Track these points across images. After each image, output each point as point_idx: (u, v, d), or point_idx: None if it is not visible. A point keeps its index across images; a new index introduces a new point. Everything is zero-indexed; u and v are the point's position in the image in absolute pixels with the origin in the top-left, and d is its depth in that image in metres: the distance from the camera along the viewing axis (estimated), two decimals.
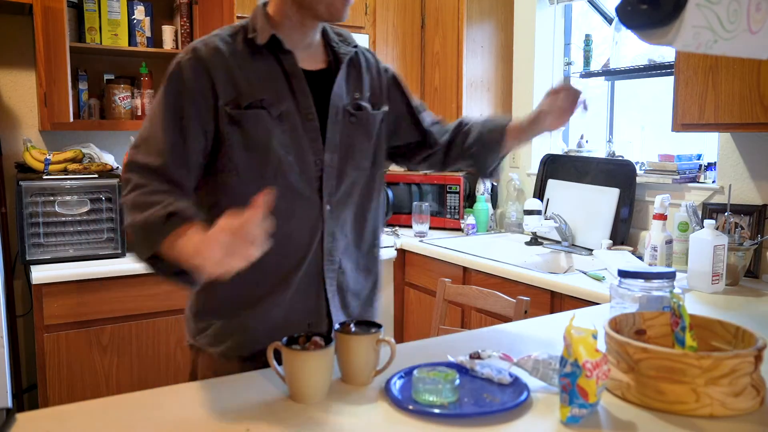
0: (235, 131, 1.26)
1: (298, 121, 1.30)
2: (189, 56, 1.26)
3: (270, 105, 1.28)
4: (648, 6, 1.15)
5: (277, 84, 1.29)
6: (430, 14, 3.31)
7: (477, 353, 1.24)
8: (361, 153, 1.40)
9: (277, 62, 1.30)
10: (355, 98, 1.39)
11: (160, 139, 1.23)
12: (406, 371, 1.20)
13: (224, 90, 1.25)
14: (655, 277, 1.41)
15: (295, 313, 1.34)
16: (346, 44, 1.40)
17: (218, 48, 1.27)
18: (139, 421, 1.04)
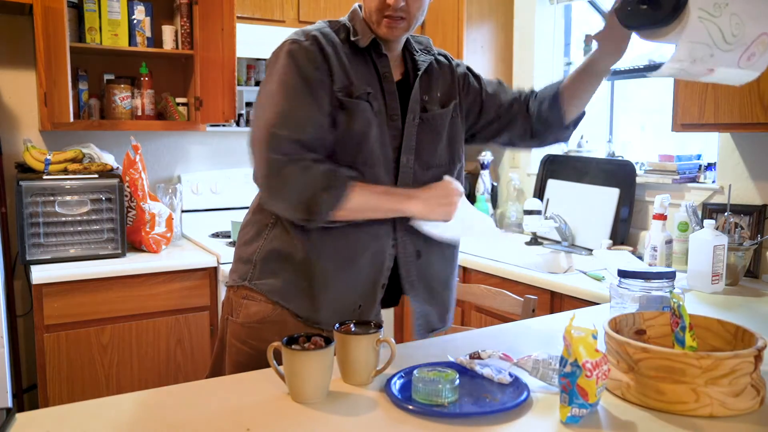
0: (342, 117, 1.34)
1: (385, 120, 1.40)
2: (308, 40, 1.34)
3: (374, 99, 1.38)
4: (648, 6, 1.16)
5: (374, 83, 1.39)
6: (430, 14, 3.30)
7: (477, 353, 1.24)
8: (430, 153, 1.47)
9: (372, 63, 1.40)
10: (423, 100, 1.46)
11: (297, 113, 1.30)
12: (406, 371, 1.20)
13: (339, 77, 1.34)
14: (654, 277, 1.41)
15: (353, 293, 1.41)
16: (426, 52, 1.50)
17: (332, 39, 1.37)
18: (139, 421, 1.05)
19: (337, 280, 1.39)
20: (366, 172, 1.36)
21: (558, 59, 3.25)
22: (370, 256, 1.41)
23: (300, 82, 1.31)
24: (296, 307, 1.40)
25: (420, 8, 1.37)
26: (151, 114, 2.89)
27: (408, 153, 1.43)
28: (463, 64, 1.60)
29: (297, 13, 2.98)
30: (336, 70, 1.34)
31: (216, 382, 1.22)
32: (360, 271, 1.41)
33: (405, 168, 1.43)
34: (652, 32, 1.20)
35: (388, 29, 1.36)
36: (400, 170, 1.42)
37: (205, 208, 3.11)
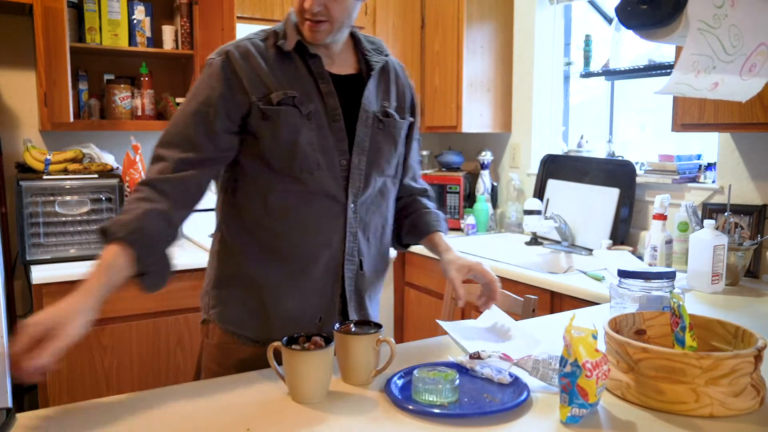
0: (267, 126, 1.31)
1: (325, 121, 1.35)
2: (221, 57, 1.32)
3: (300, 103, 1.33)
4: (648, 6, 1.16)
5: (306, 85, 1.35)
6: (430, 14, 3.31)
7: (477, 353, 1.24)
8: (387, 160, 1.44)
9: (305, 65, 1.36)
10: (383, 106, 1.44)
11: (190, 134, 1.29)
12: (406, 371, 1.20)
13: (254, 88, 1.31)
14: (654, 277, 1.41)
15: (310, 306, 1.38)
16: (378, 53, 1.45)
17: (249, 50, 1.33)
18: (139, 421, 1.05)
19: (290, 297, 1.36)
20: (307, 179, 1.33)
21: (558, 59, 3.25)
22: (323, 267, 1.37)
23: (201, 105, 1.30)
24: (251, 333, 1.38)
25: (344, 11, 1.31)
26: (151, 114, 2.89)
27: (359, 154, 1.38)
28: (413, 87, 1.56)
29: None
30: (251, 82, 1.30)
31: (216, 382, 1.22)
32: (315, 283, 1.37)
33: (356, 170, 1.38)
34: (652, 32, 1.20)
35: (310, 32, 1.32)
36: (351, 172, 1.37)
37: (205, 208, 3.09)
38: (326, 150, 1.35)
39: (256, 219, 1.36)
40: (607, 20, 3.09)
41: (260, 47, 1.34)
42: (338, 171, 1.36)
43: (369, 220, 1.43)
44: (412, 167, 1.58)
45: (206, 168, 1.30)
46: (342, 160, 1.36)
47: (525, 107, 3.26)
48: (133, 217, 1.19)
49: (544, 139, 3.26)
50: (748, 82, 1.23)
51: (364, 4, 3.15)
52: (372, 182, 1.41)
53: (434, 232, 1.52)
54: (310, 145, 1.33)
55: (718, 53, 1.14)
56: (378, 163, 1.42)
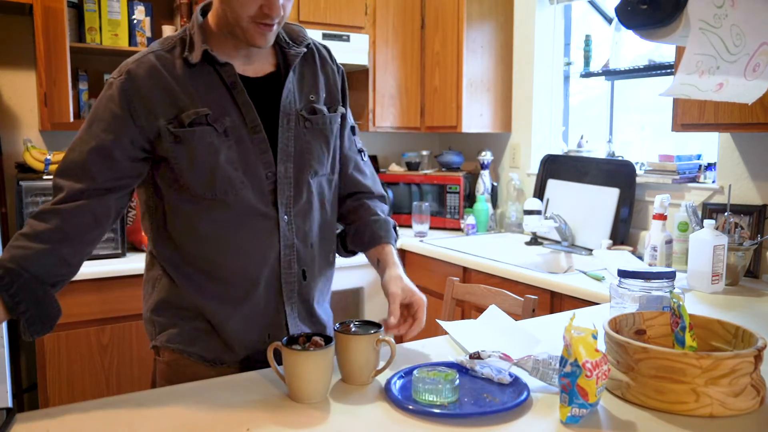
0: (181, 149, 1.21)
1: (246, 134, 1.25)
2: (122, 78, 1.20)
3: (215, 120, 1.22)
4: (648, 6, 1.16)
5: (220, 98, 1.24)
6: (430, 14, 3.31)
7: (477, 353, 1.24)
8: (318, 160, 1.34)
9: (217, 74, 1.24)
10: (310, 101, 1.34)
11: (85, 162, 1.19)
12: (406, 371, 1.20)
13: (164, 109, 1.20)
14: (654, 277, 1.41)
15: (254, 326, 1.31)
16: (297, 44, 1.33)
17: (153, 65, 1.21)
18: (139, 421, 1.04)
19: (235, 320, 1.29)
20: (232, 201, 1.24)
21: (558, 59, 3.25)
22: (264, 286, 1.30)
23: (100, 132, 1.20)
24: (201, 350, 1.31)
25: (290, 7, 1.24)
26: None
27: (285, 161, 1.28)
28: (342, 69, 1.45)
29: (297, 13, 2.98)
30: (158, 103, 1.20)
31: (216, 382, 1.22)
32: (257, 302, 1.30)
33: (283, 179, 1.28)
34: (652, 32, 1.20)
35: (262, 36, 1.21)
36: (279, 182, 1.27)
37: None
38: (249, 165, 1.25)
39: (188, 247, 1.27)
40: (607, 20, 3.09)
41: (166, 60, 1.22)
42: (265, 185, 1.27)
43: (308, 228, 1.34)
44: (350, 158, 1.45)
45: (104, 198, 1.20)
46: (268, 173, 1.27)
47: (525, 107, 3.26)
48: (8, 257, 1.12)
49: (544, 139, 3.26)
50: (753, 82, 1.23)
51: (365, 4, 3.15)
52: (304, 188, 1.32)
53: (381, 245, 1.41)
54: (231, 163, 1.23)
55: (721, 53, 1.14)
56: (308, 165, 1.32)
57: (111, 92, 1.21)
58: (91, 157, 1.19)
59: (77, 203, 1.17)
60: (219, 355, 1.31)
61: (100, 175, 1.19)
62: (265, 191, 1.27)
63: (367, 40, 3.16)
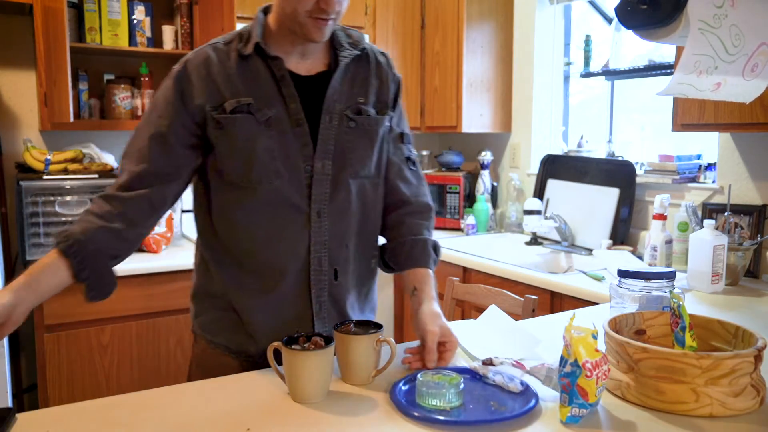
0: (222, 136, 1.27)
1: (288, 126, 1.29)
2: (180, 67, 1.30)
3: (257, 110, 1.27)
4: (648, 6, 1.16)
5: (267, 89, 1.28)
6: (430, 14, 3.31)
7: (490, 359, 1.22)
8: (360, 160, 1.35)
9: (267, 68, 1.29)
10: (358, 102, 1.35)
11: (144, 146, 1.27)
12: (412, 375, 1.16)
13: (210, 96, 1.27)
14: (654, 277, 1.41)
15: (280, 319, 1.32)
16: (353, 47, 1.37)
17: (208, 56, 1.29)
18: (139, 421, 1.05)
19: (262, 311, 1.32)
20: (266, 190, 1.27)
21: (558, 59, 3.25)
22: (292, 279, 1.31)
23: (156, 119, 1.28)
24: (226, 340, 1.35)
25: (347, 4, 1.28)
26: None
27: (323, 158, 1.30)
28: (400, 79, 1.46)
29: None
30: (206, 90, 1.26)
31: (216, 382, 1.22)
32: (285, 296, 1.32)
33: (320, 176, 1.30)
34: (652, 32, 1.20)
35: (318, 31, 1.25)
36: (314, 178, 1.30)
37: None
38: (289, 157, 1.28)
39: (224, 235, 1.32)
40: (607, 20, 3.09)
41: (221, 52, 1.30)
42: (302, 178, 1.29)
43: (344, 228, 1.34)
44: (394, 163, 1.44)
45: (161, 185, 1.27)
46: (306, 166, 1.29)
47: (525, 107, 3.26)
48: (79, 230, 1.22)
49: (544, 139, 3.26)
50: (751, 82, 1.23)
51: (365, 4, 3.15)
52: (342, 187, 1.32)
53: (417, 268, 1.38)
54: (269, 152, 1.27)
55: (720, 53, 1.14)
56: (349, 165, 1.33)
57: (168, 81, 1.29)
58: (150, 143, 1.27)
59: (137, 192, 1.25)
60: (243, 346, 1.34)
61: (157, 161, 1.27)
62: (301, 185, 1.30)
63: (367, 40, 3.16)
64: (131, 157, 1.28)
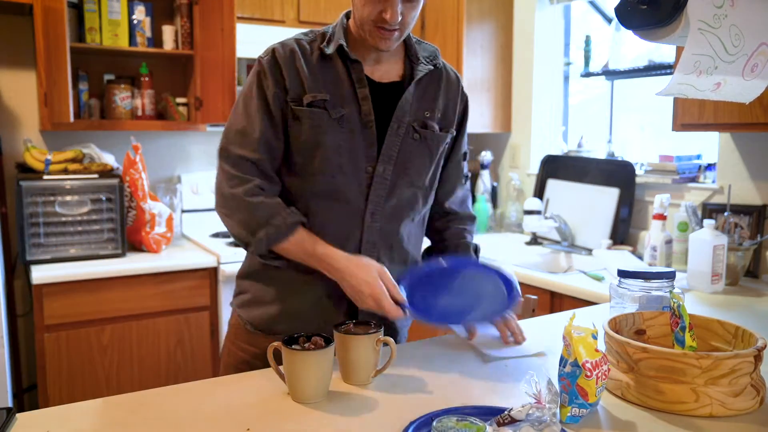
0: (296, 125, 1.35)
1: (358, 126, 1.36)
2: (268, 56, 1.36)
3: (332, 107, 1.34)
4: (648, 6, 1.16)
5: (343, 89, 1.36)
6: (430, 14, 3.31)
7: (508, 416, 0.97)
8: (418, 172, 1.42)
9: (345, 69, 1.37)
10: (425, 116, 1.42)
11: (252, 132, 1.33)
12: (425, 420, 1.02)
13: (292, 87, 1.34)
14: (654, 277, 1.41)
15: (326, 310, 1.39)
16: (428, 61, 1.43)
17: (294, 50, 1.36)
18: (139, 421, 1.05)
19: (301, 294, 1.39)
20: (327, 182, 1.35)
21: (558, 59, 3.25)
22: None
23: (257, 101, 1.35)
24: (254, 318, 1.43)
25: (414, 18, 1.34)
26: (151, 114, 2.89)
27: (386, 163, 1.38)
28: (467, 99, 1.53)
29: (297, 13, 2.98)
30: (290, 81, 1.34)
31: (216, 382, 1.22)
32: (326, 285, 1.36)
33: (380, 179, 1.37)
34: (651, 32, 1.20)
35: (382, 40, 1.32)
36: (374, 180, 1.37)
37: (205, 208, 3.11)
38: (353, 155, 1.36)
39: None
40: (607, 20, 3.09)
41: (305, 49, 1.37)
42: (362, 178, 1.37)
43: (392, 230, 1.42)
44: (448, 182, 1.53)
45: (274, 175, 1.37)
46: (368, 167, 1.37)
47: (525, 107, 3.26)
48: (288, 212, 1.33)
49: (544, 139, 3.26)
50: (751, 82, 1.23)
51: None
52: (398, 192, 1.40)
53: None
54: (336, 148, 1.34)
55: (720, 53, 1.14)
56: (407, 173, 1.41)
57: (261, 67, 1.36)
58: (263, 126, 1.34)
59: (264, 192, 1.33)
60: (269, 324, 1.41)
61: (274, 140, 1.35)
62: (361, 184, 1.37)
63: None
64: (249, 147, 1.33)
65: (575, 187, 2.89)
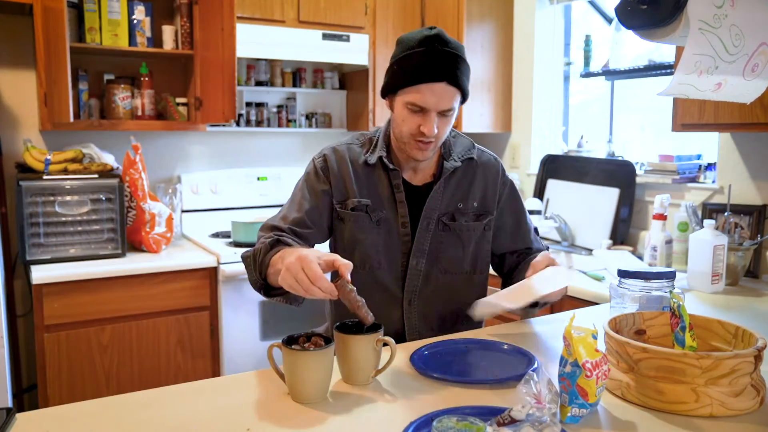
0: (340, 226, 1.53)
1: (395, 226, 1.53)
2: (321, 158, 1.55)
3: (373, 210, 1.51)
4: (648, 6, 1.16)
5: (383, 194, 1.53)
6: (430, 14, 3.31)
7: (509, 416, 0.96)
8: (451, 260, 1.55)
9: (386, 176, 1.53)
10: (457, 208, 1.55)
11: (290, 214, 1.50)
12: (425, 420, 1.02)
13: (338, 192, 1.52)
14: (654, 277, 1.41)
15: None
16: (460, 156, 1.56)
17: (344, 156, 1.54)
18: (139, 421, 1.05)
19: None
20: (368, 273, 1.51)
21: (558, 59, 3.25)
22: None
23: (302, 192, 1.53)
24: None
25: (448, 129, 1.47)
26: (151, 114, 2.89)
27: (418, 257, 1.53)
28: (509, 181, 1.64)
29: (297, 13, 2.98)
30: (337, 185, 1.52)
31: (216, 382, 1.22)
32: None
33: (413, 271, 1.53)
34: (652, 32, 1.20)
35: (420, 151, 1.45)
36: (408, 273, 1.52)
37: (205, 208, 3.11)
38: (390, 252, 1.52)
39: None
40: (607, 20, 3.09)
41: (355, 153, 1.55)
42: (399, 271, 1.53)
43: (432, 311, 1.56)
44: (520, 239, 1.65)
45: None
46: (404, 262, 1.53)
47: (525, 107, 3.26)
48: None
49: (544, 139, 3.26)
50: (752, 82, 1.23)
51: (365, 4, 3.15)
52: (432, 280, 1.54)
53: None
54: (374, 247, 1.51)
55: (720, 53, 1.14)
56: (440, 263, 1.54)
57: (312, 168, 1.55)
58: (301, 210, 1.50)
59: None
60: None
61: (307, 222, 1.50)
62: (397, 276, 1.54)
63: (367, 40, 3.16)
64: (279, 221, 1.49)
65: (575, 187, 2.89)
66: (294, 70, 3.31)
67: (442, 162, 1.55)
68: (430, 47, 1.38)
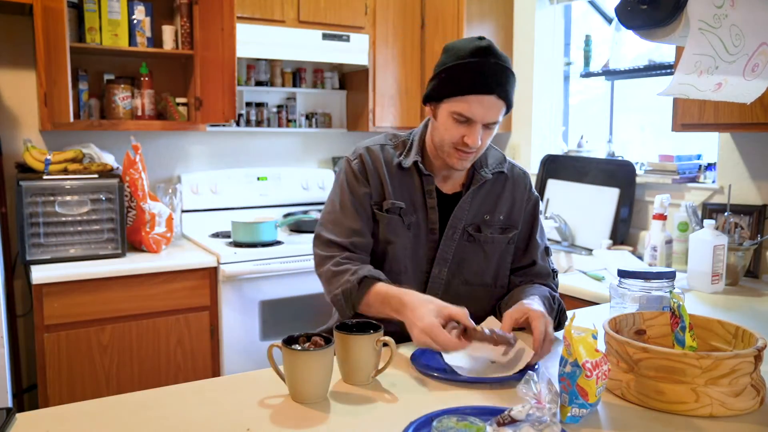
0: (375, 227, 1.52)
1: (424, 232, 1.52)
2: (357, 159, 1.54)
3: (405, 214, 1.51)
4: (648, 6, 1.16)
5: (415, 198, 1.52)
6: (430, 14, 3.31)
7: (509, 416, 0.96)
8: (473, 271, 1.54)
9: (420, 181, 1.52)
10: (484, 219, 1.54)
11: (343, 222, 1.50)
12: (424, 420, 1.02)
13: (375, 192, 1.52)
14: (654, 277, 1.41)
15: None
16: (492, 168, 1.55)
17: (378, 157, 1.53)
18: (139, 421, 1.05)
19: None
20: (394, 279, 1.47)
21: (558, 59, 3.25)
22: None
23: (348, 195, 1.51)
24: None
25: (489, 141, 1.47)
26: (151, 114, 2.89)
27: (441, 265, 1.52)
28: (535, 197, 1.62)
29: (297, 13, 2.98)
30: (374, 186, 1.51)
31: (216, 382, 1.22)
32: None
33: (436, 279, 1.52)
34: (652, 32, 1.20)
35: (459, 161, 1.45)
36: (430, 281, 1.52)
37: (205, 208, 3.11)
38: (416, 256, 1.52)
39: None
40: (607, 20, 3.09)
41: (388, 154, 1.54)
42: (421, 278, 1.52)
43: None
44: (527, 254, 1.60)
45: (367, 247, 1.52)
46: (427, 268, 1.52)
47: (525, 107, 3.26)
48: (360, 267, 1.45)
49: (544, 139, 3.26)
50: (752, 82, 1.23)
51: (365, 4, 3.15)
52: (452, 290, 1.52)
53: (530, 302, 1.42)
54: (403, 250, 1.50)
55: (720, 53, 1.14)
56: (461, 273, 1.53)
57: (350, 170, 1.53)
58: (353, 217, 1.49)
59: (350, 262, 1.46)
60: None
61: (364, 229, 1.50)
62: (420, 283, 1.52)
63: (367, 40, 3.16)
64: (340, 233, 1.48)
65: (575, 187, 2.89)
66: (294, 70, 3.31)
67: (472, 172, 1.54)
68: (482, 59, 1.37)
